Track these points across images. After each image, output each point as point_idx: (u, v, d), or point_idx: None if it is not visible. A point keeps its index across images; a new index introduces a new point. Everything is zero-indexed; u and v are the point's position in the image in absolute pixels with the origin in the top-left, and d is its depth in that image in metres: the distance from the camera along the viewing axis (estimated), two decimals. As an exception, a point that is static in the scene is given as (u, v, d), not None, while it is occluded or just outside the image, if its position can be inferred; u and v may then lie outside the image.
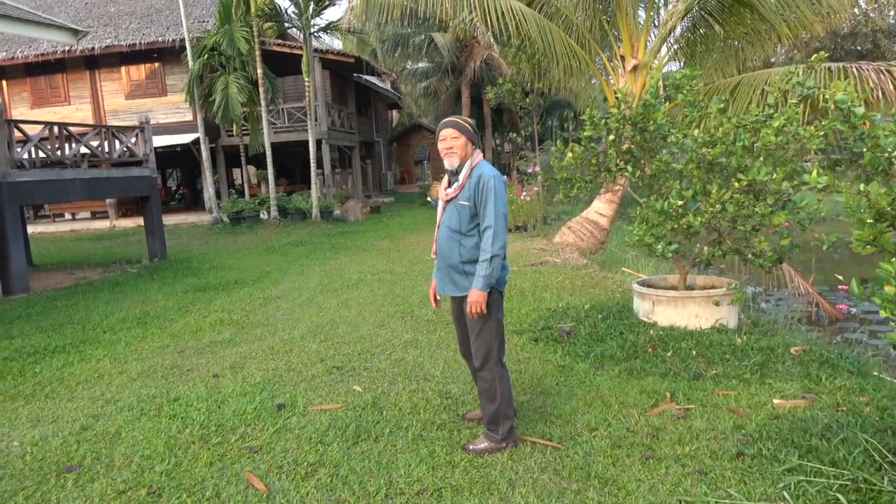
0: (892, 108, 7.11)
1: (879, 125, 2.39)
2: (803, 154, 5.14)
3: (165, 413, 4.18)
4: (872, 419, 3.50)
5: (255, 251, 12.59)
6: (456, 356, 5.13)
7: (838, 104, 2.48)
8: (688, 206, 4.90)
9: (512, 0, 9.37)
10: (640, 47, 10.06)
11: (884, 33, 35.20)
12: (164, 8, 20.17)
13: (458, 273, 3.45)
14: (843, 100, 2.46)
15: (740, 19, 8.68)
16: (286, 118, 19.98)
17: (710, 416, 3.76)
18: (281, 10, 16.40)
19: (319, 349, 5.52)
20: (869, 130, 2.42)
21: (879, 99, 7.17)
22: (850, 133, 2.49)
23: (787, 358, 4.60)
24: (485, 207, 3.30)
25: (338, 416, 3.97)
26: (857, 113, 2.42)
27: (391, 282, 8.59)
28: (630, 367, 4.62)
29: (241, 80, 15.71)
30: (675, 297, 5.46)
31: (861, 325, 8.33)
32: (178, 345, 5.94)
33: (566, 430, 3.65)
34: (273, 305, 7.49)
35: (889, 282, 2.74)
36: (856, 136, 2.47)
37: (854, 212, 3.15)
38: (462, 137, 3.41)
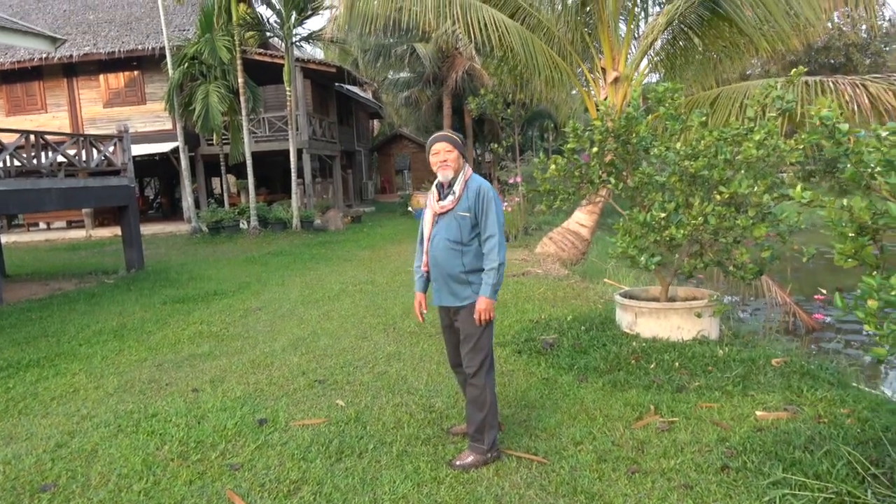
0: (867, 121, 7.24)
1: (863, 141, 2.42)
2: (779, 166, 5.21)
3: (143, 429, 4.09)
4: (854, 431, 3.53)
5: (234, 261, 12.46)
6: (440, 368, 5.10)
7: (823, 120, 2.51)
8: (670, 218, 4.93)
9: (495, 11, 9.41)
10: (621, 59, 10.15)
11: (856, 47, 35.97)
12: (144, 16, 20.00)
13: (459, 283, 3.47)
14: (829, 116, 2.49)
15: (719, 33, 8.80)
16: (267, 127, 19.86)
17: (695, 429, 3.76)
18: (263, 20, 16.33)
19: (301, 362, 5.45)
20: (853, 146, 2.45)
21: (855, 112, 7.30)
22: (835, 149, 2.52)
23: (769, 369, 4.63)
24: (486, 218, 3.40)
25: (320, 432, 3.91)
26: (843, 129, 2.44)
27: (373, 293, 8.54)
28: (614, 380, 4.62)
29: (222, 89, 15.60)
30: (657, 309, 5.47)
31: (837, 334, 8.44)
32: (155, 358, 5.83)
33: (551, 444, 3.64)
34: (253, 317, 7.40)
35: (871, 296, 2.76)
36: (840, 151, 2.50)
37: (836, 226, 3.18)
38: (455, 151, 3.48)
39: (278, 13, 15.64)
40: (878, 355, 2.53)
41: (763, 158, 4.76)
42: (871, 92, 7.29)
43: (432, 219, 3.61)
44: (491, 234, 3.40)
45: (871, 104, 7.20)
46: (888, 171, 2.44)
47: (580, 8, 10.46)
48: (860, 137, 2.44)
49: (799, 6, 7.20)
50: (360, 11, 8.51)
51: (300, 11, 15.59)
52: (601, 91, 10.55)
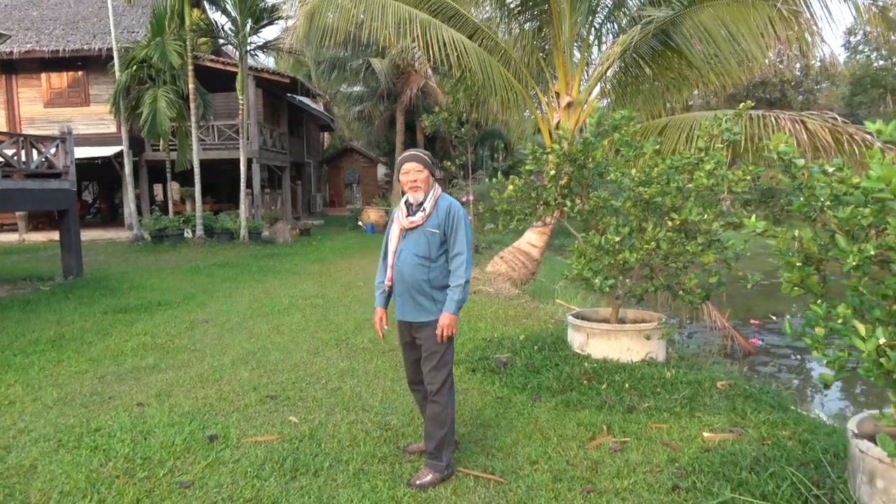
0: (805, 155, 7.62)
1: (815, 176, 2.57)
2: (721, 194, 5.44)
3: (86, 444, 3.92)
4: (796, 453, 3.68)
5: (178, 271, 12.11)
6: (394, 385, 5.08)
7: (781, 155, 2.65)
8: (624, 242, 5.07)
9: (454, 32, 9.53)
10: (575, 85, 10.41)
11: (790, 84, 37.88)
12: (91, 15, 19.40)
13: (425, 298, 3.49)
14: (786, 151, 2.63)
15: (669, 64, 9.14)
16: (216, 135, 19.48)
17: (646, 450, 3.85)
18: (217, 27, 16.06)
19: (251, 377, 5.34)
20: (807, 181, 2.59)
21: (794, 147, 7.66)
22: (790, 183, 2.66)
23: (714, 392, 4.79)
24: (455, 235, 3.47)
25: (274, 449, 3.84)
26: (798, 164, 2.58)
27: (324, 307, 8.44)
28: (567, 399, 4.69)
29: (171, 95, 15.23)
30: (608, 330, 5.60)
31: (770, 358, 8.81)
32: (97, 370, 5.61)
33: (507, 464, 3.66)
34: (200, 329, 7.21)
35: (818, 323, 2.91)
36: (795, 185, 2.64)
37: (784, 255, 3.35)
38: (425, 171, 3.53)
39: (233, 20, 15.42)
40: (825, 381, 2.66)
41: (712, 188, 4.95)
42: (808, 128, 7.69)
43: (399, 234, 3.62)
44: (459, 252, 3.47)
45: (808, 140, 7.58)
46: (836, 205, 2.58)
47: (536, 33, 10.69)
48: (813, 173, 2.59)
49: (746, 42, 7.56)
50: (318, 24, 8.48)
51: (256, 20, 15.41)
52: (554, 115, 10.79)
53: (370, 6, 8.81)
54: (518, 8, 10.96)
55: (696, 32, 8.02)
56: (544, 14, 10.34)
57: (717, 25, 7.70)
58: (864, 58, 37.42)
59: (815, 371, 8.45)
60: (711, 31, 7.80)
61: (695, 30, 8.01)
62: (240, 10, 15.04)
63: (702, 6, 7.80)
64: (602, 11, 10.55)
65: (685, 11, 8.05)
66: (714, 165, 4.93)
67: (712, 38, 7.83)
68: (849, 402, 7.21)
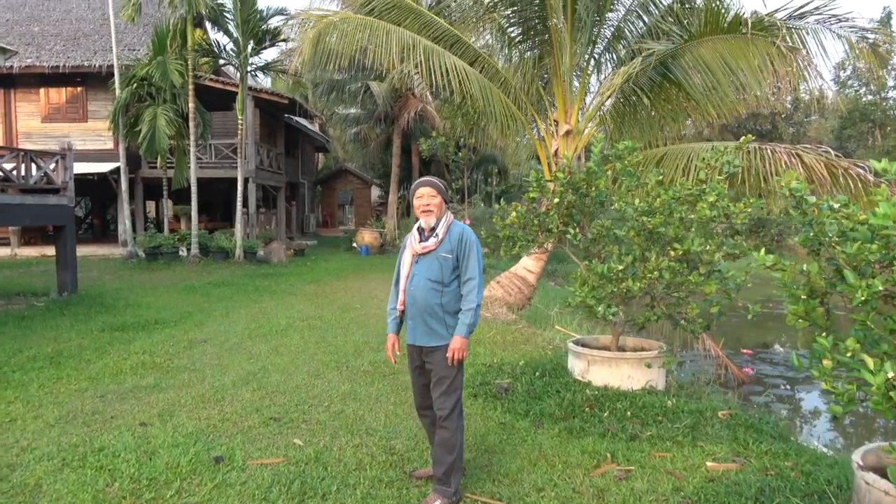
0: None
1: (824, 213, 2.65)
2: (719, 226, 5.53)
3: (91, 464, 3.91)
4: (799, 483, 3.72)
5: (174, 289, 12.07)
6: (397, 409, 5.09)
7: (793, 192, 2.73)
8: (627, 270, 5.13)
9: (456, 58, 9.68)
10: (573, 113, 10.56)
11: (780, 116, 38.50)
12: (93, 32, 19.52)
13: (437, 322, 3.52)
14: (799, 188, 2.72)
15: (667, 96, 9.31)
16: (213, 154, 19.54)
17: (650, 478, 3.88)
18: (220, 47, 16.19)
19: (253, 398, 5.33)
20: (817, 217, 2.67)
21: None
22: (801, 218, 2.74)
23: (716, 421, 4.83)
24: (468, 260, 3.53)
25: (280, 472, 3.83)
26: (810, 201, 2.66)
27: (322, 329, 8.44)
28: (570, 427, 4.72)
29: (171, 113, 15.29)
30: (609, 358, 5.64)
31: (763, 388, 8.86)
32: (97, 388, 5.58)
33: (514, 490, 3.68)
34: (199, 349, 7.19)
35: (825, 356, 2.97)
36: (805, 221, 2.72)
37: (788, 288, 3.42)
38: (438, 197, 3.59)
39: (235, 41, 15.57)
40: (834, 412, 2.71)
41: (713, 219, 5.04)
42: (805, 162, 7.83)
43: (411, 259, 3.67)
44: (471, 277, 3.53)
45: (805, 173, 7.71)
46: (844, 241, 2.66)
47: (537, 62, 10.86)
48: (823, 210, 2.66)
49: (744, 76, 7.73)
50: (324, 49, 8.60)
51: (258, 41, 15.56)
52: (553, 142, 10.92)
53: (375, 32, 8.95)
54: (519, 37, 11.15)
55: (695, 65, 8.20)
56: (545, 44, 10.51)
57: (717, 59, 7.87)
58: (852, 92, 38.11)
59: (804, 402, 8.50)
60: (710, 65, 7.97)
61: (694, 63, 8.18)
62: (242, 31, 15.19)
63: (701, 41, 7.98)
64: (601, 42, 10.74)
65: (685, 45, 8.22)
66: (716, 197, 5.02)
67: (711, 72, 8.00)
68: (837, 433, 7.25)
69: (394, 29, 9.17)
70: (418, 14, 10.27)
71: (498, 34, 11.51)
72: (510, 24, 11.25)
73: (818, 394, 8.44)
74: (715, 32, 7.80)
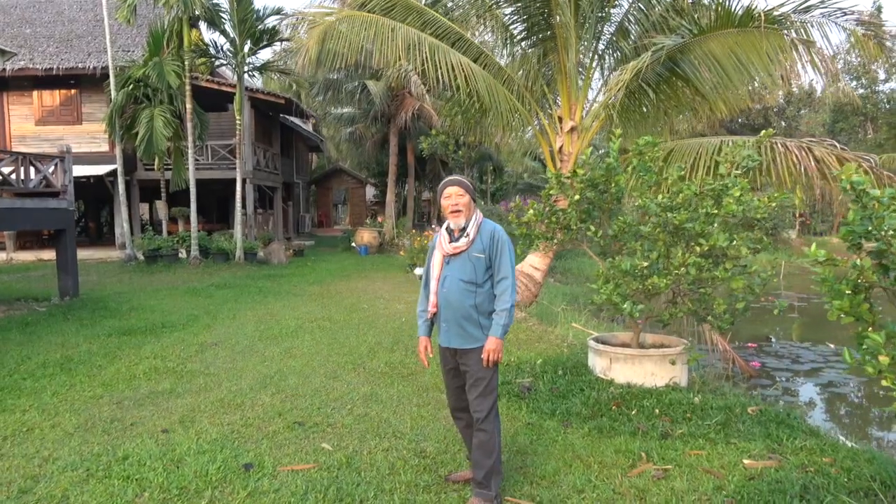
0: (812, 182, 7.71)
1: (885, 206, 2.59)
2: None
3: (116, 473, 3.81)
4: (842, 480, 3.67)
5: (177, 292, 11.94)
6: (421, 411, 5.01)
7: (854, 185, 2.67)
8: (651, 267, 5.07)
9: (460, 55, 9.59)
10: (578, 110, 10.51)
11: (772, 110, 38.67)
12: (86, 34, 19.30)
13: (471, 324, 3.46)
14: (860, 181, 2.66)
15: (674, 90, 9.26)
16: (209, 155, 19.37)
17: (689, 477, 3.82)
18: (217, 47, 16.02)
19: (274, 402, 5.24)
20: (877, 210, 2.61)
21: (802, 174, 7.77)
22: (861, 212, 2.68)
23: (746, 417, 4.78)
24: (500, 260, 3.46)
25: (313, 478, 3.75)
26: (872, 194, 2.61)
27: (332, 330, 8.35)
28: (598, 426, 4.65)
29: (168, 114, 15.13)
30: (632, 356, 5.58)
31: (772, 381, 8.83)
32: (112, 395, 5.48)
33: (554, 493, 3.61)
34: (211, 353, 7.08)
35: (880, 352, 2.91)
36: (866, 215, 2.66)
37: (829, 283, 3.36)
38: (467, 196, 3.51)
39: (232, 41, 15.41)
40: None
41: (742, 213, 4.99)
42: (815, 155, 7.78)
43: (442, 260, 3.59)
44: (504, 276, 3.46)
45: (816, 166, 7.68)
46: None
47: (541, 59, 10.79)
48: (883, 202, 2.61)
49: (755, 70, 7.68)
50: (330, 49, 8.50)
51: (255, 41, 15.41)
52: (557, 139, 10.86)
53: (380, 29, 8.84)
54: (522, 34, 11.08)
55: (704, 60, 8.13)
56: (549, 40, 10.44)
57: (727, 53, 7.81)
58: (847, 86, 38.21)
59: (812, 394, 8.45)
60: (721, 59, 7.91)
61: (703, 57, 8.12)
62: (239, 31, 15.04)
63: (711, 35, 7.92)
64: (605, 38, 10.69)
65: (694, 40, 8.16)
66: (741, 192, 4.97)
67: (721, 66, 7.94)
68: (833, 424, 7.17)
69: (398, 26, 9.07)
70: (419, 12, 10.17)
71: (500, 31, 11.44)
72: (513, 20, 11.18)
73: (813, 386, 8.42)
74: (726, 26, 7.74)
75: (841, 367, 9.27)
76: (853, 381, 8.60)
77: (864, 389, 8.39)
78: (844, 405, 8.05)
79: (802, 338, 11.98)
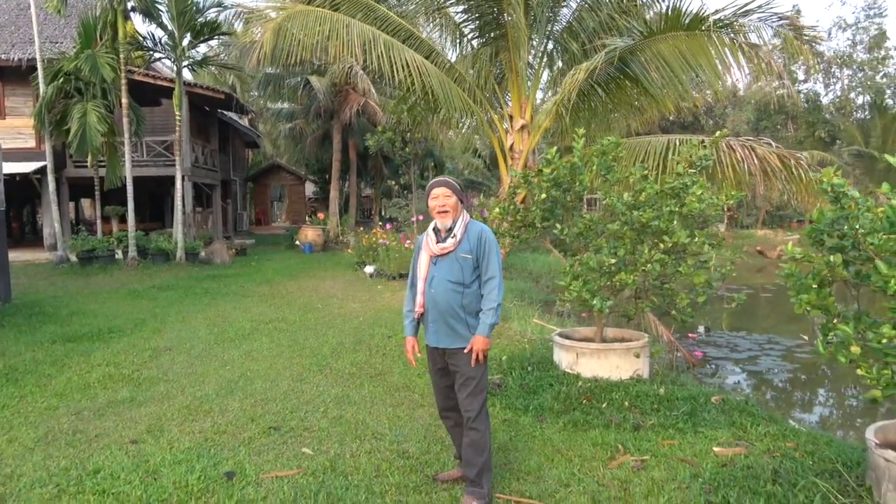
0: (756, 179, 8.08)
1: (861, 207, 2.76)
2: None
3: (90, 488, 3.65)
4: (807, 463, 3.88)
5: (117, 295, 11.47)
6: (396, 412, 5.01)
7: (835, 187, 2.83)
8: (618, 263, 5.22)
9: (415, 53, 9.58)
10: (528, 108, 10.67)
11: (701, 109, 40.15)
12: (9, 24, 18.20)
13: (459, 323, 3.48)
14: (841, 184, 2.82)
15: (624, 91, 9.53)
16: (144, 151, 18.65)
17: (666, 467, 3.96)
18: (155, 40, 15.39)
19: (244, 407, 5.13)
20: (852, 210, 2.78)
21: (746, 172, 8.14)
22: (840, 212, 2.84)
23: (710, 407, 4.99)
24: (488, 260, 3.49)
25: (299, 484, 3.70)
26: (851, 195, 2.77)
27: (289, 331, 8.21)
28: (573, 420, 4.77)
29: (102, 109, 14.47)
30: (599, 350, 5.73)
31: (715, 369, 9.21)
32: (69, 405, 5.23)
33: (541, 487, 3.68)
34: (166, 358, 6.86)
35: (851, 342, 3.10)
36: (843, 214, 2.83)
37: (795, 278, 3.56)
38: (454, 197, 3.53)
39: (171, 34, 14.86)
40: (873, 397, 2.83)
41: (699, 211, 5.19)
42: (757, 153, 8.17)
43: (429, 261, 3.61)
44: (492, 276, 3.50)
45: (759, 164, 8.06)
46: (871, 232, 2.78)
47: (493, 57, 10.89)
48: (860, 204, 2.78)
49: (703, 72, 8.00)
50: (284, 44, 8.34)
51: (196, 35, 14.92)
52: (508, 137, 11.00)
53: (335, 25, 8.74)
54: (473, 33, 11.16)
55: (653, 61, 8.40)
56: (500, 39, 10.55)
57: (676, 55, 8.09)
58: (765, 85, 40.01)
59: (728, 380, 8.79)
60: (669, 61, 8.19)
61: (653, 59, 8.39)
62: (178, 24, 14.52)
63: (662, 36, 8.19)
64: (554, 38, 10.88)
65: (644, 42, 8.42)
66: (702, 190, 5.18)
67: (670, 67, 8.23)
68: (781, 410, 7.56)
69: (353, 23, 8.99)
70: (370, 8, 10.09)
71: (451, 29, 11.48)
72: (464, 19, 11.24)
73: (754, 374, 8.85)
74: (675, 29, 8.01)
75: (776, 355, 9.77)
76: (788, 367, 9.05)
77: (801, 375, 8.85)
78: (785, 391, 8.48)
79: (732, 327, 12.50)
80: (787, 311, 14.26)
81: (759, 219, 35.48)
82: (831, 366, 9.83)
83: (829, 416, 7.29)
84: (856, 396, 7.50)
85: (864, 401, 2.95)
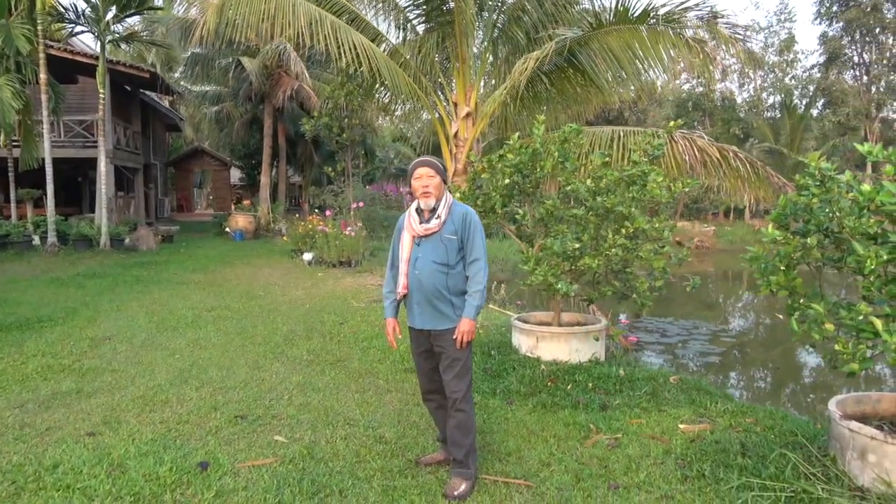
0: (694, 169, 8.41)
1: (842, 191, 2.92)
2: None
3: (52, 484, 3.42)
4: (770, 437, 4.09)
5: (38, 283, 10.77)
6: (364, 397, 4.95)
7: (822, 171, 2.97)
8: (582, 248, 5.32)
9: (362, 36, 9.43)
10: (473, 96, 10.70)
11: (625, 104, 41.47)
12: None
13: (445, 304, 3.46)
14: (828, 168, 2.96)
15: (570, 81, 9.69)
16: (62, 131, 17.55)
17: (638, 444, 4.08)
18: (77, 12, 14.43)
19: (202, 396, 4.93)
20: (834, 193, 2.93)
21: (686, 161, 8.46)
22: (824, 195, 2.99)
23: (669, 386, 5.18)
24: (473, 241, 3.47)
25: (279, 472, 3.59)
26: (839, 179, 2.92)
27: (235, 319, 7.95)
28: (541, 402, 4.84)
29: (17, 84, 13.49)
30: (559, 333, 5.84)
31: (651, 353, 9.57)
32: (8, 398, 4.88)
33: (524, 467, 3.72)
34: (107, 347, 6.50)
35: (824, 320, 3.27)
36: (826, 198, 2.97)
37: (762, 260, 3.73)
38: (437, 177, 3.50)
39: (93, 7, 13.99)
40: (851, 370, 3.01)
41: (661, 197, 5.35)
42: (698, 145, 8.51)
43: (412, 242, 3.56)
44: (477, 258, 3.49)
45: (698, 155, 8.39)
46: (848, 215, 2.95)
47: (439, 44, 10.83)
48: (841, 189, 2.93)
49: (649, 65, 8.24)
50: (230, 18, 8.00)
51: (122, 8, 14.11)
52: (452, 125, 11.00)
53: (280, 3, 8.46)
54: (419, 18, 11.06)
55: (601, 53, 8.59)
56: (446, 26, 10.50)
57: (623, 48, 8.30)
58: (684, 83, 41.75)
59: (685, 363, 9.20)
60: (617, 53, 8.39)
61: (601, 51, 8.57)
62: (101, -5, 13.71)
63: (609, 29, 8.37)
64: (499, 26, 10.93)
65: (592, 34, 8.58)
66: (662, 178, 5.34)
67: (617, 60, 8.43)
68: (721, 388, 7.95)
69: (300, 1, 8.73)
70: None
71: (395, 13, 11.34)
72: (409, 4, 11.12)
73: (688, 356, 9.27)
74: (624, 22, 8.21)
75: (703, 339, 10.25)
76: (716, 350, 9.49)
77: (729, 357, 9.31)
78: (723, 371, 8.91)
79: (657, 314, 12.95)
80: (704, 298, 15.00)
81: (677, 210, 37.09)
82: (753, 347, 10.43)
83: (766, 392, 7.71)
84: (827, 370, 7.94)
85: (840, 373, 3.12)
